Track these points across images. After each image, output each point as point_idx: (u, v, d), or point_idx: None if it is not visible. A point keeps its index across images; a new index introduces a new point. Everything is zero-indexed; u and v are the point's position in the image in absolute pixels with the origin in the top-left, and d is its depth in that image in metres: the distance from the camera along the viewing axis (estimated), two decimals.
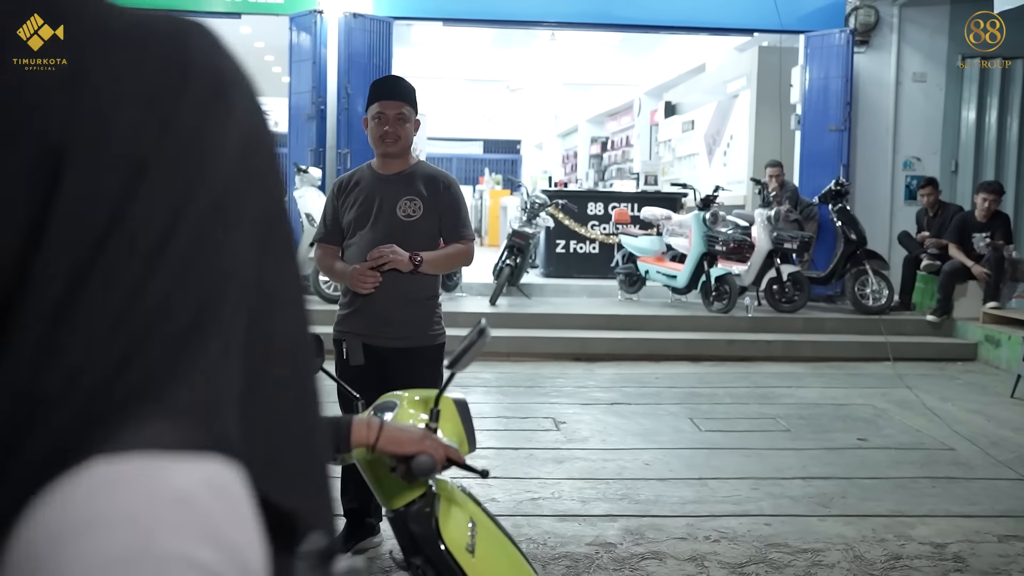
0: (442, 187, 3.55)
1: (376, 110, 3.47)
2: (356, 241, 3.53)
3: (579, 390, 7.14)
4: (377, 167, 3.58)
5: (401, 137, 3.47)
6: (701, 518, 4.29)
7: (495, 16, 10.90)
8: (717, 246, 9.36)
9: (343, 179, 3.68)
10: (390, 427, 1.61)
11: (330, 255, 3.64)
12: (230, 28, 13.12)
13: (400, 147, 3.49)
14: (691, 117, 15.32)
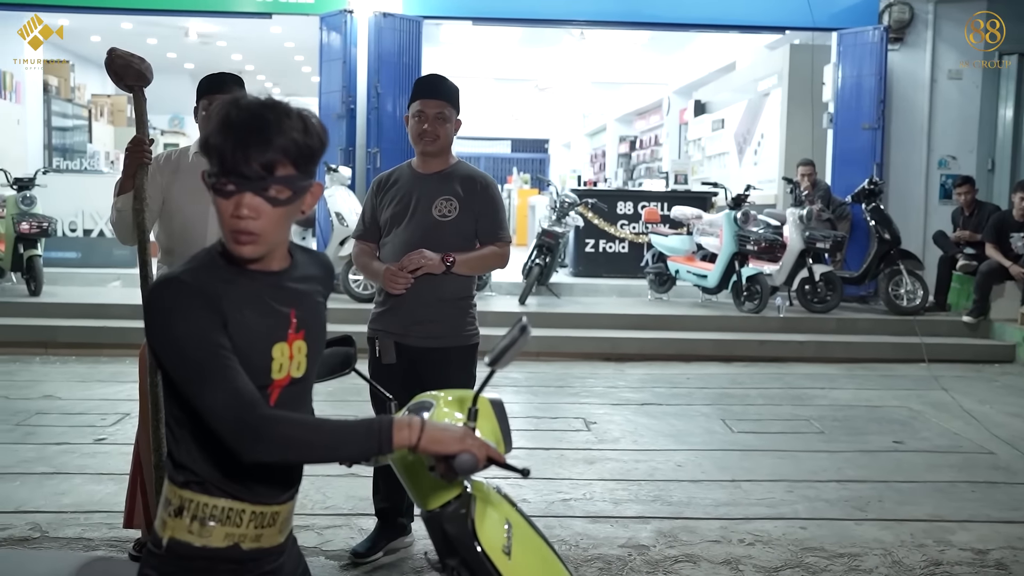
0: (479, 187, 3.52)
1: (417, 108, 3.45)
2: (391, 239, 3.51)
3: (609, 390, 7.09)
4: (416, 165, 3.57)
5: (440, 136, 3.44)
6: (735, 520, 4.24)
7: (524, 15, 10.87)
8: (748, 245, 9.27)
9: (382, 177, 3.67)
10: (431, 426, 1.58)
11: (367, 253, 3.63)
12: (261, 28, 13.21)
13: (438, 146, 3.47)
14: (721, 116, 15.19)
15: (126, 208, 3.25)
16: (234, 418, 1.49)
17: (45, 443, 5.26)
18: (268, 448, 1.49)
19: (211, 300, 1.55)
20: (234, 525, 1.61)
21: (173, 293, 1.54)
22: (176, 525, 1.60)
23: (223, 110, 1.55)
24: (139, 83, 3.13)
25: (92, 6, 10.78)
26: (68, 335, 8.23)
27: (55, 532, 3.90)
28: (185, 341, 1.51)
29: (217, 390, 1.50)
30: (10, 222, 9.10)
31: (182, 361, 1.52)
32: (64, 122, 14.73)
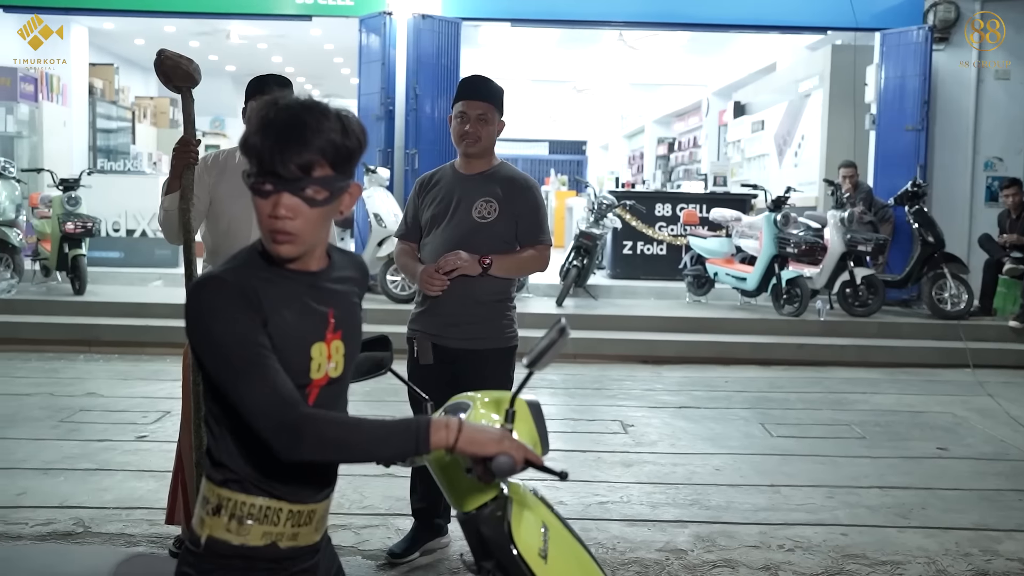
0: (521, 190, 3.50)
1: (459, 109, 3.45)
2: (431, 240, 3.51)
3: (647, 393, 7.05)
4: (459, 166, 3.56)
5: (481, 138, 3.43)
6: (774, 526, 4.19)
7: (563, 16, 10.85)
8: (788, 248, 9.17)
9: (425, 177, 3.67)
10: (469, 427, 1.57)
11: (408, 253, 3.63)
12: (301, 30, 13.33)
13: (480, 148, 3.46)
14: (761, 117, 15.06)
15: (173, 208, 3.28)
16: (274, 417, 1.49)
17: (88, 440, 5.34)
18: (307, 447, 1.50)
19: (251, 299, 1.55)
20: (271, 524, 1.61)
21: (213, 292, 1.55)
22: (214, 523, 1.61)
23: (262, 110, 1.56)
24: (187, 84, 3.16)
25: (136, 9, 10.93)
26: (111, 333, 8.35)
27: (97, 527, 3.95)
28: (225, 339, 1.52)
29: (257, 389, 1.50)
30: (56, 222, 9.25)
31: (222, 359, 1.53)
32: (108, 124, 14.97)
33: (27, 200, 10.06)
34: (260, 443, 1.53)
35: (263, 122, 1.54)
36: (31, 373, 7.29)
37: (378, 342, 2.15)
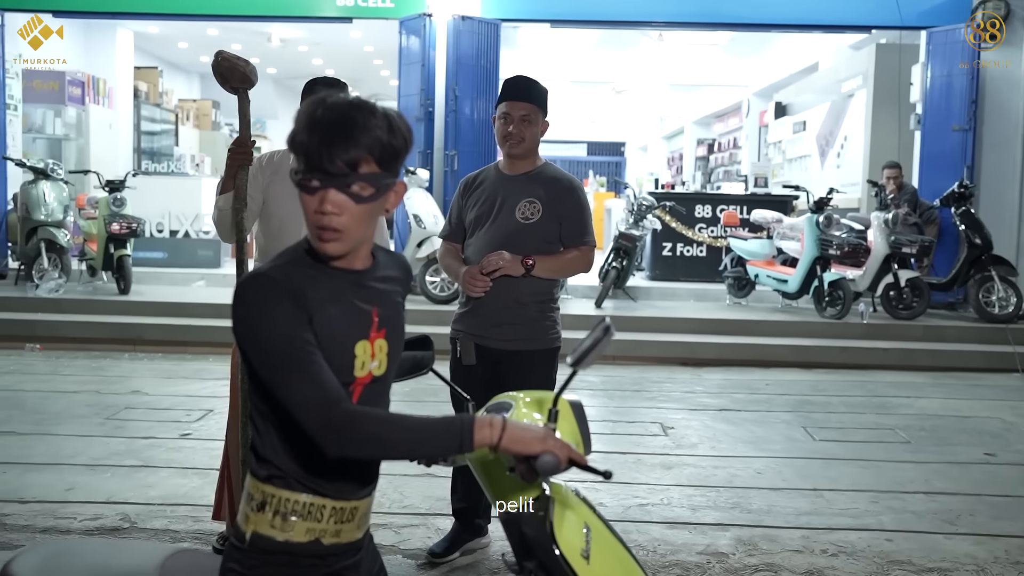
0: (565, 191, 3.49)
1: (503, 110, 3.45)
2: (474, 241, 3.51)
3: (687, 395, 7.00)
4: (503, 167, 3.56)
5: (525, 139, 3.43)
6: (817, 530, 4.13)
7: (602, 17, 10.81)
8: (831, 250, 9.06)
9: (469, 178, 3.67)
10: (513, 426, 1.56)
11: (452, 253, 3.64)
12: (341, 32, 13.43)
13: (523, 149, 3.45)
14: (803, 118, 14.91)
15: (227, 207, 3.31)
16: (319, 414, 1.50)
17: (133, 437, 5.42)
18: (351, 444, 1.50)
19: (297, 296, 1.56)
20: (315, 520, 1.62)
21: (260, 289, 1.56)
22: (259, 519, 1.62)
23: (310, 108, 1.57)
24: (244, 85, 3.16)
25: (181, 13, 11.08)
26: (155, 333, 8.48)
27: (143, 523, 4.02)
28: (271, 337, 1.53)
29: (303, 385, 1.51)
30: (102, 223, 9.41)
31: (268, 356, 1.54)
32: (152, 126, 15.21)
33: (74, 201, 10.24)
34: (305, 440, 1.53)
35: (311, 120, 1.56)
36: (78, 371, 7.41)
37: (419, 342, 2.15)
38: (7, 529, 3.93)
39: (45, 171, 9.59)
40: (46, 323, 8.60)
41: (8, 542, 3.78)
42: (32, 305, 9.03)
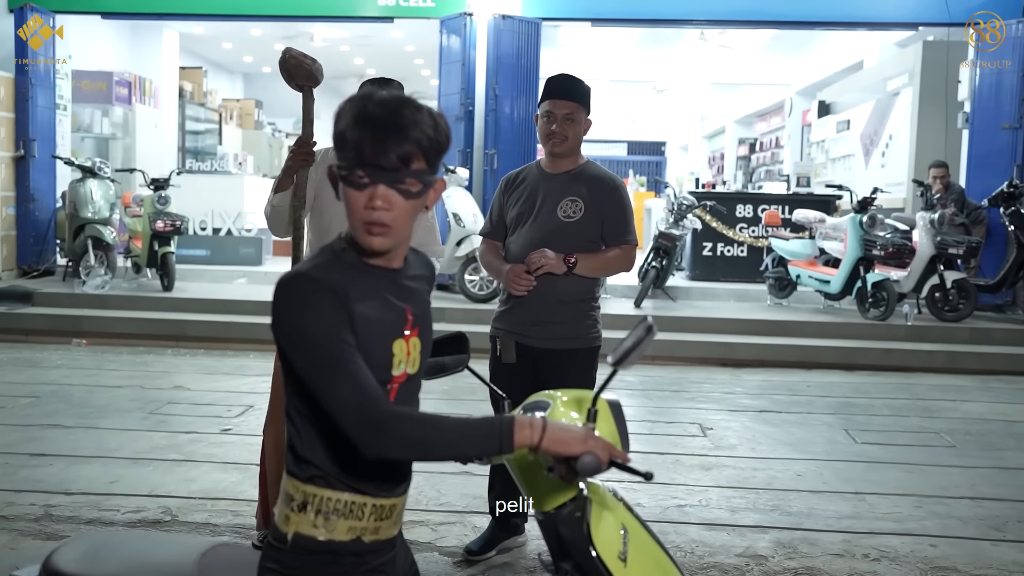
0: (607, 189, 3.47)
1: (546, 108, 3.44)
2: (516, 238, 3.51)
3: (726, 396, 6.94)
4: (545, 165, 3.56)
5: (568, 137, 3.42)
6: (859, 534, 4.07)
7: (644, 15, 10.76)
8: (874, 250, 8.92)
9: (511, 176, 3.67)
10: (553, 426, 1.55)
11: (493, 251, 3.64)
12: (382, 32, 13.51)
13: (567, 147, 3.44)
14: (846, 117, 14.69)
15: (282, 204, 3.33)
16: (358, 413, 1.50)
17: (176, 431, 5.49)
18: (391, 445, 1.50)
19: (338, 295, 1.57)
20: (356, 518, 1.63)
21: (302, 288, 1.57)
22: (300, 520, 1.62)
23: (358, 105, 1.58)
24: (309, 83, 3.16)
25: (225, 13, 11.21)
26: (197, 329, 8.59)
27: (184, 516, 4.07)
28: (313, 336, 1.54)
29: (342, 384, 1.51)
30: (147, 221, 9.55)
31: (308, 355, 1.54)
32: (196, 125, 15.42)
33: (120, 199, 10.41)
34: (343, 438, 1.54)
35: (362, 115, 1.56)
36: (122, 366, 7.54)
37: (454, 341, 2.14)
38: (53, 520, 4.00)
39: (92, 170, 9.76)
40: (92, 319, 8.75)
41: (54, 532, 3.86)
42: (79, 301, 9.19)
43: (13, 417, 5.80)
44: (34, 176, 10.52)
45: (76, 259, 9.73)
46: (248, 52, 17.46)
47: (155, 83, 13.75)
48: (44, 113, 10.64)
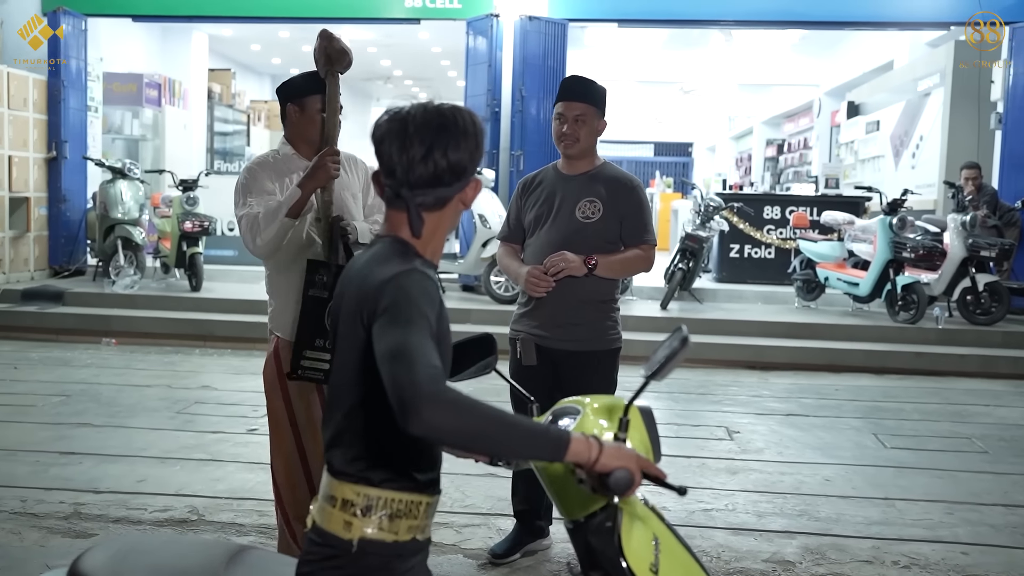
0: (625, 189, 3.46)
1: (558, 110, 3.44)
2: (534, 241, 3.50)
3: (753, 399, 6.88)
4: (561, 167, 3.54)
5: (580, 139, 3.40)
6: (888, 541, 4.02)
7: (671, 16, 10.70)
8: (904, 252, 8.81)
9: (528, 178, 3.66)
10: (609, 448, 1.56)
11: (511, 254, 3.63)
12: (409, 33, 13.54)
13: (578, 149, 3.43)
14: (876, 117, 14.54)
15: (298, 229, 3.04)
16: (432, 387, 1.44)
17: (202, 431, 5.52)
18: (450, 422, 1.44)
19: (439, 296, 1.65)
20: (413, 517, 1.65)
21: (425, 280, 1.62)
22: (365, 524, 1.62)
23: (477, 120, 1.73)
24: (343, 70, 3.05)
25: (254, 16, 11.28)
26: (224, 329, 8.64)
27: (211, 516, 4.09)
28: (421, 322, 1.54)
29: (425, 362, 1.48)
30: (175, 221, 9.63)
31: (407, 335, 1.51)
32: (225, 127, 15.53)
33: (150, 200, 10.50)
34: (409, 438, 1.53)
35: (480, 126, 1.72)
36: (151, 366, 7.60)
37: (483, 341, 2.11)
38: (82, 518, 4.04)
39: (123, 171, 9.86)
40: (121, 318, 8.84)
41: (83, 531, 3.89)
42: (108, 301, 9.29)
43: (44, 415, 5.86)
44: (65, 177, 10.64)
45: (106, 259, 9.83)
46: (276, 54, 17.57)
47: (184, 85, 13.87)
48: (76, 115, 10.76)
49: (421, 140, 1.65)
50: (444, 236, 1.78)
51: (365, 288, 1.63)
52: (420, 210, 1.69)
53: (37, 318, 8.91)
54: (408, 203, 1.69)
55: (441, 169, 1.66)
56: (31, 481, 4.51)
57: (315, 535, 1.66)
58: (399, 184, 1.68)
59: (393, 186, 1.70)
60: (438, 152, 1.65)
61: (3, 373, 7.14)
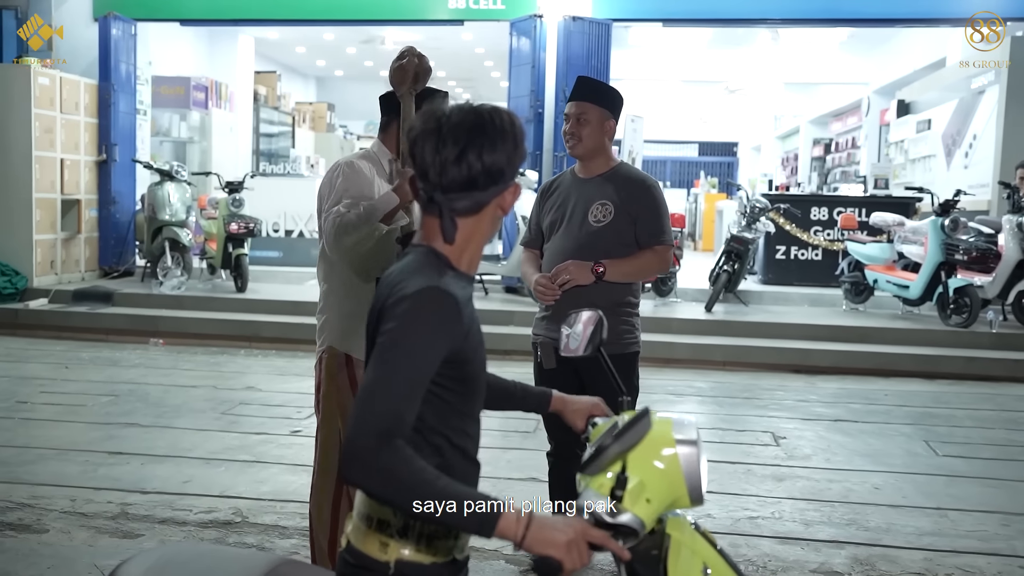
0: (639, 190, 3.37)
1: (565, 110, 3.41)
2: (550, 246, 3.44)
3: (800, 404, 6.77)
4: (577, 170, 3.50)
5: (582, 139, 3.34)
6: (941, 552, 3.91)
7: (717, 15, 10.58)
8: (957, 255, 8.61)
9: (546, 183, 3.63)
10: (538, 524, 1.45)
11: (531, 260, 3.59)
12: (452, 35, 13.57)
13: (583, 149, 3.36)
14: (927, 116, 14.24)
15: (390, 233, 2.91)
16: (374, 426, 1.42)
17: (247, 432, 5.57)
18: (378, 478, 1.41)
19: (463, 313, 1.57)
20: (453, 538, 1.60)
21: (439, 307, 1.54)
22: (403, 546, 1.58)
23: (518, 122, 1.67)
24: (419, 90, 2.91)
25: (299, 19, 11.37)
26: (269, 330, 8.72)
27: (254, 518, 4.12)
28: (413, 351, 1.49)
29: (387, 398, 1.44)
30: (221, 223, 9.74)
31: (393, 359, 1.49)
32: (270, 128, 15.69)
33: (196, 202, 10.63)
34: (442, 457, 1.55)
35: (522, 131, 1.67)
36: (197, 366, 7.69)
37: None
38: (129, 518, 4.08)
39: (170, 173, 9.99)
40: (168, 319, 8.96)
41: (130, 531, 3.94)
42: (156, 301, 9.42)
43: (93, 415, 5.95)
44: (115, 179, 10.82)
45: (154, 260, 9.97)
46: (321, 56, 17.73)
47: (230, 87, 14.03)
48: (125, 118, 10.94)
49: (455, 141, 1.57)
50: (481, 244, 1.69)
51: (389, 301, 1.58)
52: (454, 215, 1.62)
53: (88, 318, 9.06)
54: (441, 208, 1.61)
55: (476, 172, 1.58)
56: (81, 481, 4.57)
57: (349, 555, 1.62)
58: (432, 187, 1.61)
59: (427, 190, 1.62)
60: (472, 154, 1.57)
61: (55, 372, 7.28)
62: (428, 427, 1.59)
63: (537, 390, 2.05)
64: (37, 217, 9.85)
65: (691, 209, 19.10)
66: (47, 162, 9.95)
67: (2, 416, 5.85)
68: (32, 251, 9.81)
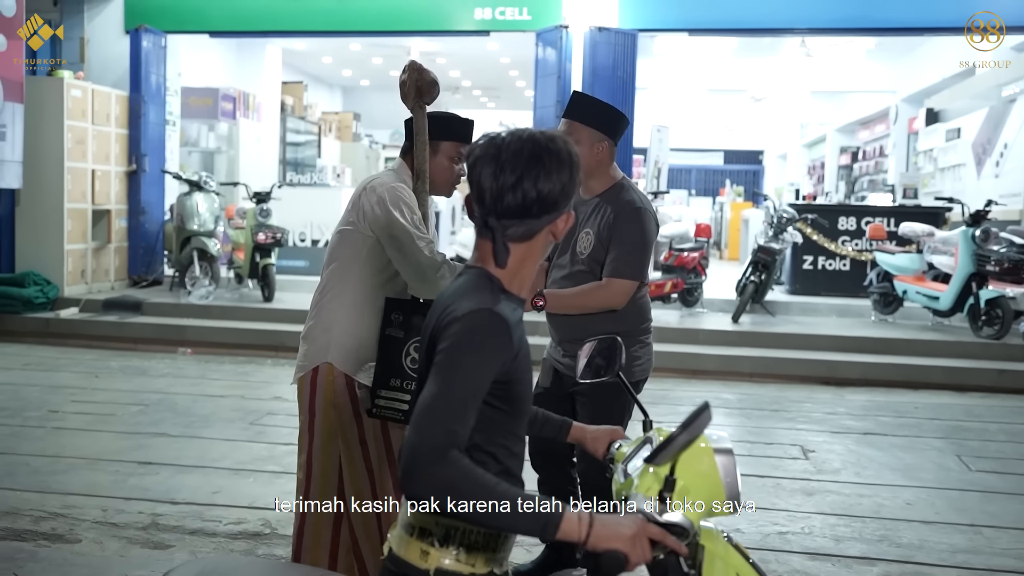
0: (620, 219, 3.17)
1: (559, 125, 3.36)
2: (552, 268, 3.40)
3: (828, 416, 6.71)
4: (581, 190, 3.42)
5: None
6: (976, 571, 3.86)
7: (743, 25, 10.54)
8: (988, 266, 8.51)
9: None
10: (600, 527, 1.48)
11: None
12: (478, 45, 13.61)
13: None
14: (957, 124, 14.12)
15: None
16: (432, 442, 1.45)
17: (274, 443, 5.59)
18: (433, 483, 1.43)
19: (513, 337, 1.59)
20: (492, 550, 1.62)
21: (494, 330, 1.56)
22: (443, 555, 1.60)
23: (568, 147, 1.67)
24: (430, 103, 2.94)
25: (326, 30, 11.45)
26: (295, 340, 8.62)
27: (282, 530, 4.13)
28: (469, 373, 1.52)
29: (445, 416, 1.48)
30: (249, 233, 9.81)
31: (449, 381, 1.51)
32: (297, 138, 15.80)
33: (224, 212, 10.71)
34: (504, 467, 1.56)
35: (574, 160, 1.67)
36: (225, 376, 7.73)
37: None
38: (160, 529, 4.11)
39: (198, 183, 10.08)
40: (196, 328, 9.03)
41: (161, 541, 3.96)
42: (184, 311, 9.50)
43: (123, 425, 6.00)
44: (145, 189, 10.92)
45: (182, 270, 10.06)
46: (347, 66, 17.84)
47: (258, 98, 14.15)
48: (155, 129, 11.05)
49: (512, 168, 1.60)
50: (533, 268, 1.71)
51: (442, 321, 1.61)
52: (507, 241, 1.65)
53: (117, 327, 9.15)
54: (495, 233, 1.65)
55: (530, 200, 1.61)
56: (112, 491, 4.61)
57: (391, 563, 1.65)
58: (487, 212, 1.64)
59: (482, 214, 1.65)
60: (528, 182, 1.60)
61: (85, 381, 7.35)
62: (474, 445, 1.61)
63: (557, 419, 2.08)
64: (68, 227, 9.96)
65: (717, 218, 19.03)
66: (78, 173, 10.07)
67: (35, 425, 5.91)
68: (63, 261, 9.92)
